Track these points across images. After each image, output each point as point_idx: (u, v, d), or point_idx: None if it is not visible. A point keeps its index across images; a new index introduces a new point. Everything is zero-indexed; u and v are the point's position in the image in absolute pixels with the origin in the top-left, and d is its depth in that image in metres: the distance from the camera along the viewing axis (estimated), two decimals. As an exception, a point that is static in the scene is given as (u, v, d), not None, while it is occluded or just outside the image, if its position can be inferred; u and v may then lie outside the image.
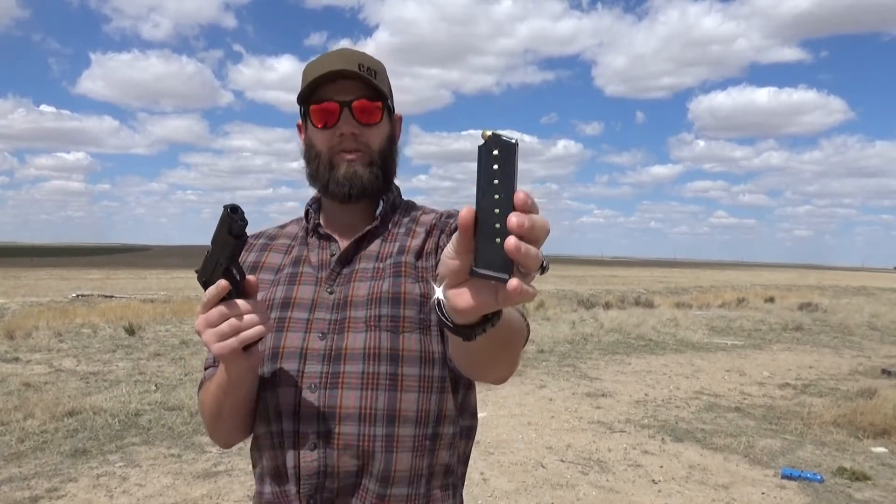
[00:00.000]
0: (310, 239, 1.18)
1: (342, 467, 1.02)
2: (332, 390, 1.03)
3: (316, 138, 1.13)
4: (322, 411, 1.03)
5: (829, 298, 24.39)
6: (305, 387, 1.04)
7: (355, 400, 1.03)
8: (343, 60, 1.10)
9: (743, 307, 19.31)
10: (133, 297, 18.56)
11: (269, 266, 1.19)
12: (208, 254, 0.94)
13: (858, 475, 4.63)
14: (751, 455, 5.15)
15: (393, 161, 1.17)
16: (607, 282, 39.69)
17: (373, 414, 1.03)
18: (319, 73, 1.09)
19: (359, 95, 1.10)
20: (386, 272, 1.10)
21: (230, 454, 4.79)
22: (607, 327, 12.62)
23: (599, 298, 20.73)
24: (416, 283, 1.09)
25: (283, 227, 1.26)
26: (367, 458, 1.02)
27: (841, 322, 15.62)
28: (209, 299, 0.92)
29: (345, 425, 1.02)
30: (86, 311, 13.09)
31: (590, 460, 4.91)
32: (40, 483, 4.17)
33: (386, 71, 1.18)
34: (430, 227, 1.16)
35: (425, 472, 1.06)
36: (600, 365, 9.15)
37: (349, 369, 1.04)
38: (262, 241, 1.24)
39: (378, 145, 1.13)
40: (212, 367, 1.15)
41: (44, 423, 5.39)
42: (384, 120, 1.14)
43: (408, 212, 1.22)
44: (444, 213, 1.20)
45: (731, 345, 11.69)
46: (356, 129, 1.10)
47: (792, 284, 40.41)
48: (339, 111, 1.10)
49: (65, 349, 9.18)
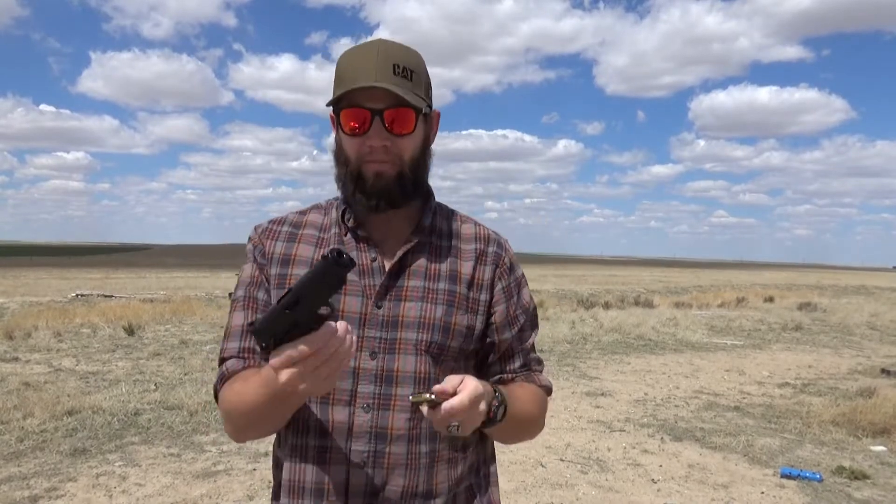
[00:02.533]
0: (344, 237, 1.13)
1: (390, 485, 1.05)
2: (384, 411, 1.05)
3: (345, 143, 1.08)
4: (375, 431, 1.05)
5: (829, 298, 24.41)
6: (359, 406, 1.05)
7: (405, 422, 1.06)
8: (378, 66, 1.02)
9: (742, 307, 19.32)
10: (133, 296, 18.56)
11: (302, 260, 1.12)
12: (293, 300, 0.81)
13: (858, 474, 4.63)
14: (750, 454, 5.15)
15: (425, 167, 1.13)
16: (607, 281, 39.70)
17: (419, 434, 1.07)
18: (349, 86, 1.02)
19: (391, 104, 1.03)
20: (439, 298, 1.10)
21: (230, 454, 4.79)
22: (607, 327, 12.62)
23: (599, 298, 20.74)
24: (466, 314, 1.11)
25: (304, 214, 1.19)
26: (413, 475, 1.06)
27: (840, 321, 15.63)
28: (305, 353, 0.83)
29: (395, 445, 1.05)
30: (85, 311, 13.09)
31: (589, 459, 4.91)
32: (40, 482, 4.16)
33: (424, 65, 1.10)
34: (479, 253, 1.16)
35: (455, 479, 1.12)
36: (600, 364, 9.15)
37: (400, 392, 1.06)
38: (286, 228, 1.16)
39: (410, 154, 1.07)
40: (235, 358, 1.09)
41: (43, 423, 5.39)
42: (418, 127, 1.07)
43: (445, 218, 1.19)
44: (485, 237, 1.19)
45: (730, 344, 11.69)
46: (387, 141, 1.04)
47: (791, 284, 40.42)
48: (370, 119, 1.03)
49: (64, 349, 9.17)
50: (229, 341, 1.11)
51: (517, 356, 1.18)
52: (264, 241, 1.15)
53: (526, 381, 1.18)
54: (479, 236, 1.18)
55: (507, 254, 1.19)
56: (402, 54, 1.06)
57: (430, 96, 1.11)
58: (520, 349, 1.18)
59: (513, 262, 1.19)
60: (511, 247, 1.21)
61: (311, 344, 0.82)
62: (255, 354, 1.09)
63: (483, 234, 1.19)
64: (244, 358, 1.09)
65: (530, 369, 1.20)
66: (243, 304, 1.12)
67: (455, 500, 1.12)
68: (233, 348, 1.10)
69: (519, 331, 1.17)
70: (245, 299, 1.12)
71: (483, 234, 1.19)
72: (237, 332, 1.11)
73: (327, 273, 0.79)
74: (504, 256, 1.18)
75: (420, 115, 1.06)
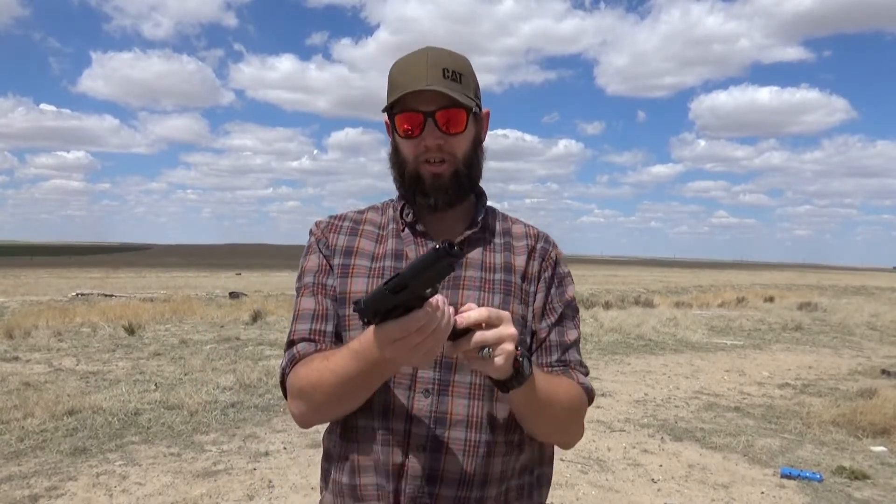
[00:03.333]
0: (402, 233, 1.18)
1: (448, 470, 1.07)
2: (443, 397, 1.08)
3: (402, 145, 1.14)
4: (434, 416, 1.08)
5: (829, 298, 24.39)
6: (419, 391, 1.08)
7: (464, 408, 1.09)
8: (428, 70, 1.09)
9: (742, 307, 19.31)
10: (133, 296, 18.56)
11: (364, 252, 1.18)
12: (401, 285, 0.84)
13: (858, 474, 4.63)
14: (750, 454, 5.16)
15: (479, 164, 1.19)
16: (607, 281, 39.71)
17: (478, 422, 1.09)
18: (402, 91, 1.08)
19: (442, 105, 1.09)
20: (496, 287, 1.15)
21: (230, 454, 4.79)
22: (607, 327, 12.62)
23: (599, 298, 20.73)
24: (521, 304, 1.16)
25: (363, 213, 1.26)
26: (470, 462, 1.08)
27: (841, 322, 15.62)
28: (410, 331, 0.86)
29: (454, 430, 1.08)
30: (85, 311, 13.09)
31: (589, 459, 4.91)
32: (40, 482, 4.16)
33: (471, 68, 1.17)
34: (531, 249, 1.22)
35: (509, 473, 1.13)
36: (600, 365, 9.15)
37: (459, 379, 1.09)
38: (347, 223, 1.23)
39: (463, 152, 1.14)
40: (306, 341, 1.12)
41: (43, 422, 5.39)
42: (469, 126, 1.13)
43: (496, 218, 1.25)
44: (535, 234, 1.25)
45: (730, 345, 11.69)
46: (441, 140, 1.11)
47: (792, 284, 40.42)
48: (424, 121, 1.09)
49: (64, 348, 9.17)
50: (299, 323, 1.15)
51: (554, 349, 1.18)
52: (327, 235, 1.21)
53: (563, 374, 1.17)
54: (530, 234, 1.25)
55: (554, 249, 1.24)
56: (451, 59, 1.13)
57: (478, 97, 1.18)
58: (558, 343, 1.18)
59: (559, 258, 1.24)
60: (558, 246, 1.27)
61: (415, 322, 0.85)
62: (324, 336, 1.13)
63: (533, 232, 1.26)
64: (314, 340, 1.12)
65: (568, 366, 1.18)
66: (312, 290, 1.16)
67: (507, 494, 1.13)
68: (303, 330, 1.13)
69: (557, 323, 1.18)
70: (314, 286, 1.17)
71: (533, 232, 1.26)
72: (308, 315, 1.14)
73: (437, 262, 0.82)
74: (551, 251, 1.24)
75: (471, 115, 1.13)
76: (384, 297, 0.86)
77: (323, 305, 1.15)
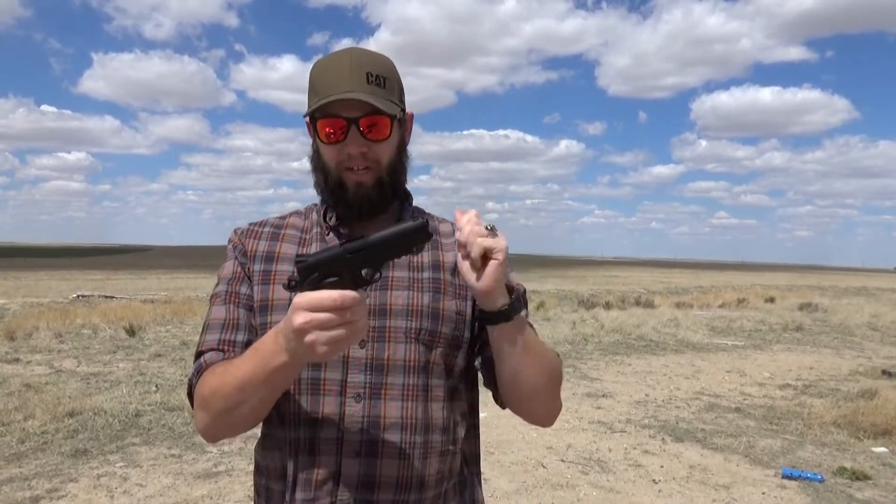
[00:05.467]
0: (328, 237, 1.15)
1: (384, 475, 1.05)
2: (375, 400, 1.06)
3: (324, 151, 1.10)
4: (367, 421, 1.05)
5: (830, 299, 24.37)
6: (350, 396, 1.05)
7: (398, 410, 1.06)
8: (352, 74, 1.05)
9: (743, 307, 19.31)
10: (133, 297, 18.56)
11: (287, 257, 1.14)
12: (360, 247, 0.80)
13: (859, 475, 4.63)
14: (751, 455, 5.15)
15: (403, 169, 1.16)
16: (608, 282, 39.70)
17: (413, 423, 1.07)
18: (325, 97, 1.04)
19: (367, 111, 1.05)
20: (425, 285, 1.12)
21: (231, 455, 4.79)
22: (608, 328, 12.62)
23: (600, 299, 20.73)
24: (454, 300, 1.13)
25: (284, 218, 1.22)
26: (406, 466, 1.06)
27: (841, 322, 15.61)
28: (336, 303, 0.81)
29: (389, 434, 1.05)
30: (86, 312, 13.09)
31: (590, 460, 4.91)
32: (41, 483, 4.17)
33: (395, 70, 1.14)
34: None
35: (447, 473, 1.12)
36: (601, 365, 9.15)
37: (392, 381, 1.06)
38: (267, 228, 1.19)
39: (387, 159, 1.10)
40: (214, 350, 1.08)
41: (44, 424, 5.39)
42: (393, 132, 1.10)
43: (423, 218, 1.22)
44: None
45: (731, 345, 11.69)
46: (364, 148, 1.07)
47: (792, 285, 40.39)
48: (347, 128, 1.06)
49: (65, 350, 9.18)
50: (208, 334, 1.10)
51: None
52: (244, 241, 1.18)
53: None
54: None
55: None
56: (375, 62, 1.09)
57: (403, 101, 1.15)
58: None
59: None
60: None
61: (345, 298, 0.81)
62: (234, 347, 1.07)
63: None
64: (223, 350, 1.07)
65: None
66: (224, 299, 1.12)
67: (445, 495, 1.11)
68: (212, 340, 1.09)
69: None
70: (227, 294, 1.13)
71: None
72: (217, 325, 1.10)
73: (406, 234, 0.77)
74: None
75: (395, 121, 1.10)
76: (337, 256, 0.80)
77: (234, 315, 1.10)
